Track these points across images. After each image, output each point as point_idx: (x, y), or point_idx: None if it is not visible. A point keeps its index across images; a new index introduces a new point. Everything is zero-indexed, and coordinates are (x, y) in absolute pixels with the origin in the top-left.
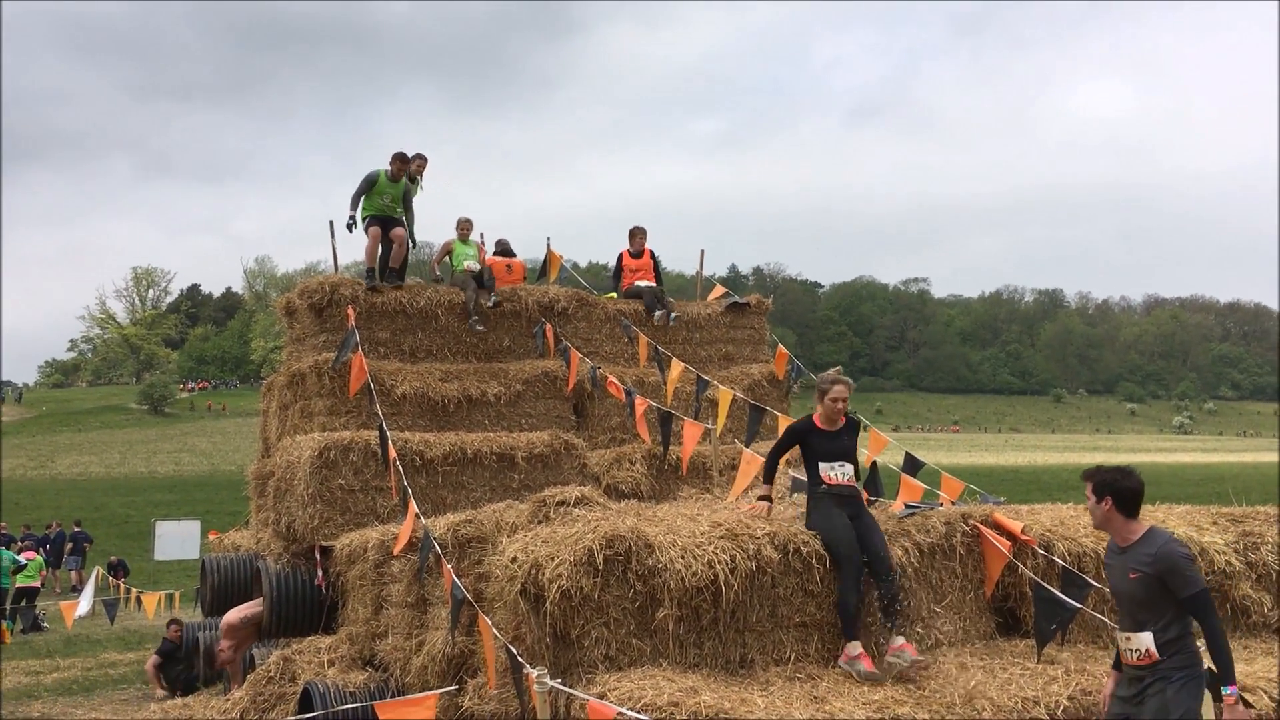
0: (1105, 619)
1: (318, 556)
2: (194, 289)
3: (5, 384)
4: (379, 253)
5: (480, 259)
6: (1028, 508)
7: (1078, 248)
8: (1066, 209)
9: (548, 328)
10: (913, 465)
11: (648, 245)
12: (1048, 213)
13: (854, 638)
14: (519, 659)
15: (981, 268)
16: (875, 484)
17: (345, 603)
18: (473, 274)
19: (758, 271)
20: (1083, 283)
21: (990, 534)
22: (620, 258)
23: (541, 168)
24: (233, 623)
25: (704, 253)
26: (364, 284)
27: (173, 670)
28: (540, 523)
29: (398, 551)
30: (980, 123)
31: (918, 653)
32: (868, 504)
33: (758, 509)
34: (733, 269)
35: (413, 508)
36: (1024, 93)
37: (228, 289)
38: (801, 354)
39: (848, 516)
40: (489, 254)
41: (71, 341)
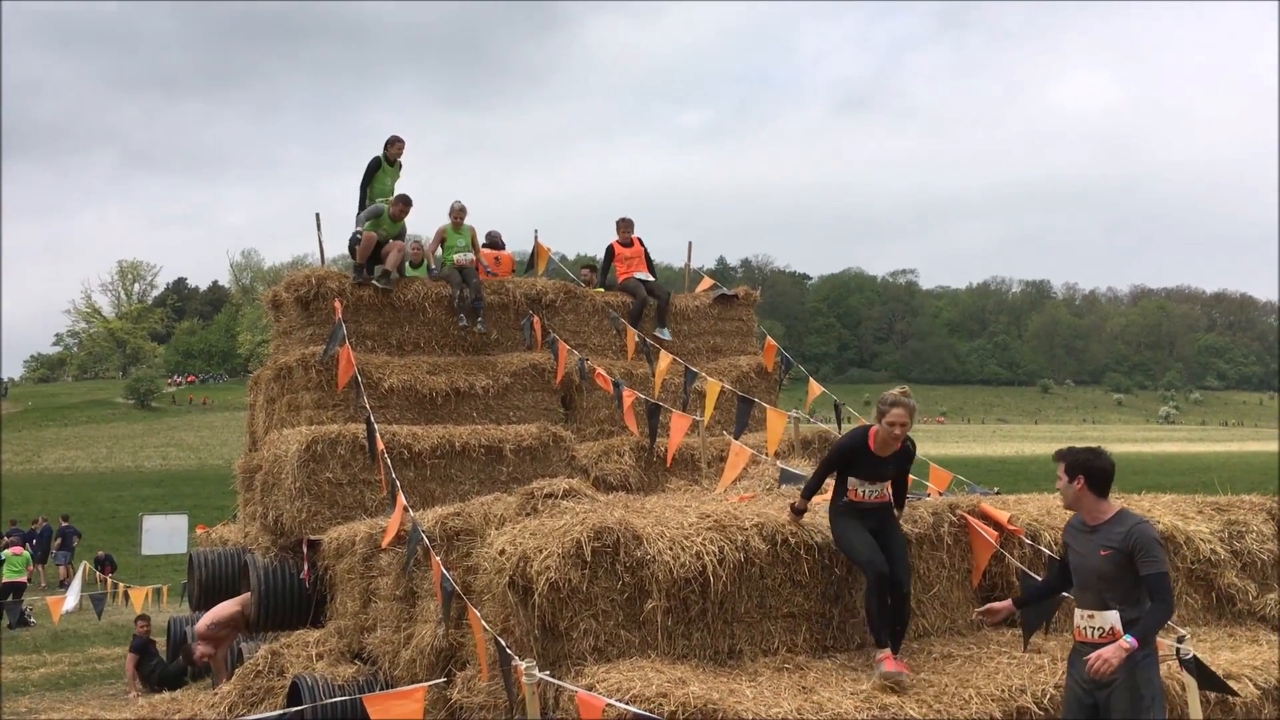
0: None
1: (305, 550)
2: (180, 282)
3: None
4: (371, 254)
5: (473, 246)
6: (1014, 498)
7: (1064, 238)
8: (1053, 200)
9: (535, 320)
10: None
11: (635, 235)
12: (1034, 203)
13: (881, 644)
14: (507, 651)
15: (969, 259)
16: None
17: (333, 596)
18: (461, 269)
19: (746, 264)
20: (1070, 273)
21: (977, 524)
22: (610, 249)
23: (529, 160)
24: (202, 632)
25: (692, 245)
26: (350, 278)
27: (147, 666)
28: (528, 515)
29: (386, 545)
30: (965, 114)
31: (905, 667)
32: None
33: (789, 518)
34: (721, 261)
35: (401, 501)
36: (1008, 84)
37: (214, 282)
38: (790, 346)
39: (869, 529)
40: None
41: (57, 336)
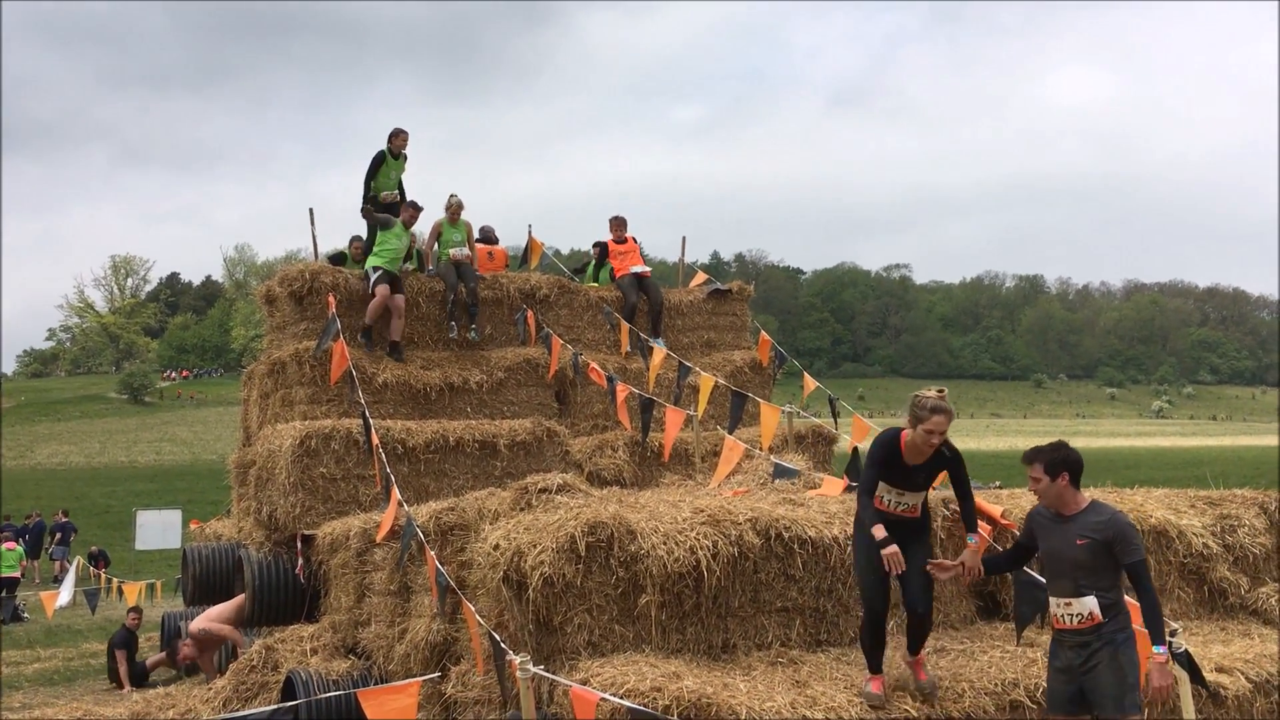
0: None
1: (299, 545)
2: (173, 277)
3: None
4: (379, 312)
5: (468, 241)
6: (1008, 492)
7: (1058, 233)
8: (1046, 194)
9: (529, 315)
10: None
11: (629, 234)
12: (1028, 198)
13: (873, 670)
14: (502, 646)
15: (963, 253)
16: (857, 470)
17: (328, 591)
18: (458, 265)
19: (740, 258)
20: (1063, 268)
21: None
22: (605, 245)
23: (522, 156)
24: (196, 635)
25: (686, 240)
26: (362, 343)
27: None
28: (522, 510)
29: (380, 539)
30: (959, 109)
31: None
32: (848, 489)
33: (889, 553)
34: (715, 256)
35: (395, 495)
36: (1002, 79)
37: (207, 277)
38: (784, 340)
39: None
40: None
41: (50, 330)
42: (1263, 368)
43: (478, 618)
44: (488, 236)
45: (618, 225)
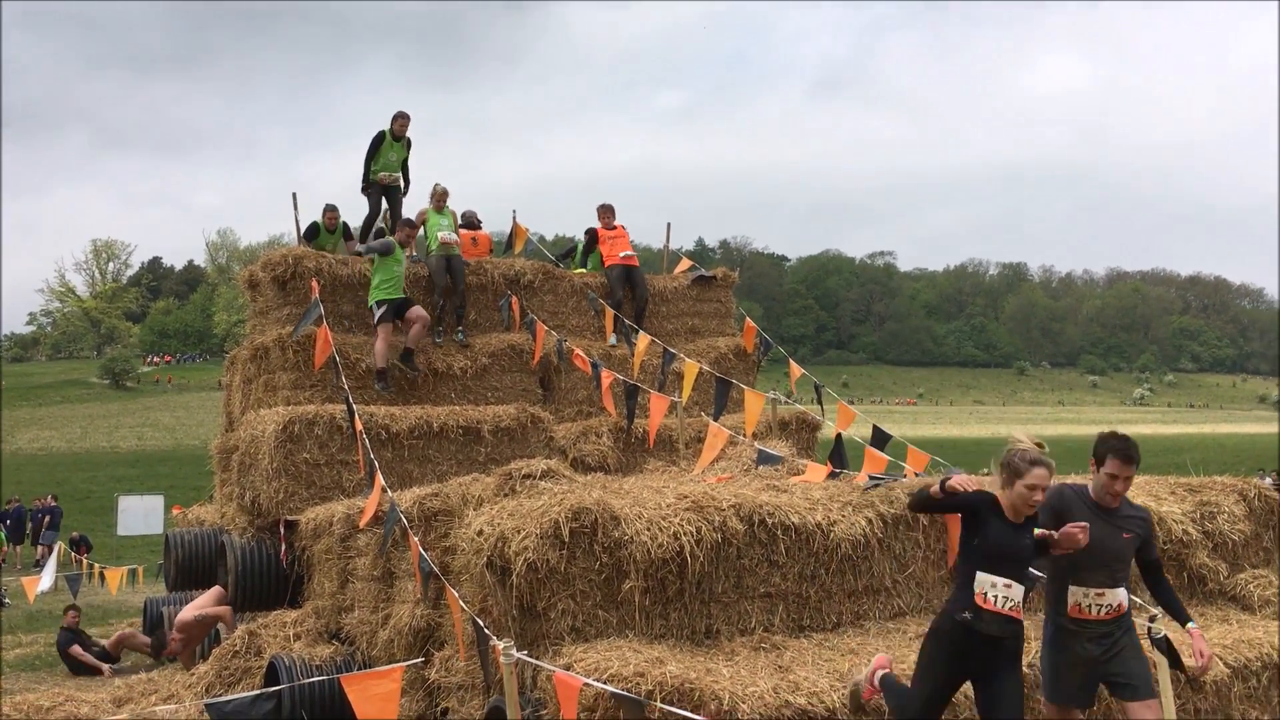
0: None
1: (282, 531)
2: (155, 262)
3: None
4: (387, 352)
5: (455, 231)
6: (990, 478)
7: (1041, 221)
8: (1030, 182)
9: (514, 300)
10: (880, 438)
11: (618, 222)
12: (1011, 186)
13: None
14: (485, 631)
15: (946, 241)
16: (841, 456)
17: (311, 577)
18: (449, 261)
19: (724, 245)
20: (1046, 256)
21: None
22: (593, 232)
23: (505, 141)
24: (187, 620)
25: (670, 226)
26: (378, 387)
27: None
28: (506, 496)
29: (363, 525)
30: (943, 96)
31: None
32: (831, 475)
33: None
34: (699, 242)
35: (379, 481)
36: (985, 67)
37: (190, 262)
38: (768, 327)
39: (980, 661)
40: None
41: (30, 315)
42: (1243, 355)
43: (461, 603)
44: (471, 221)
45: (606, 213)
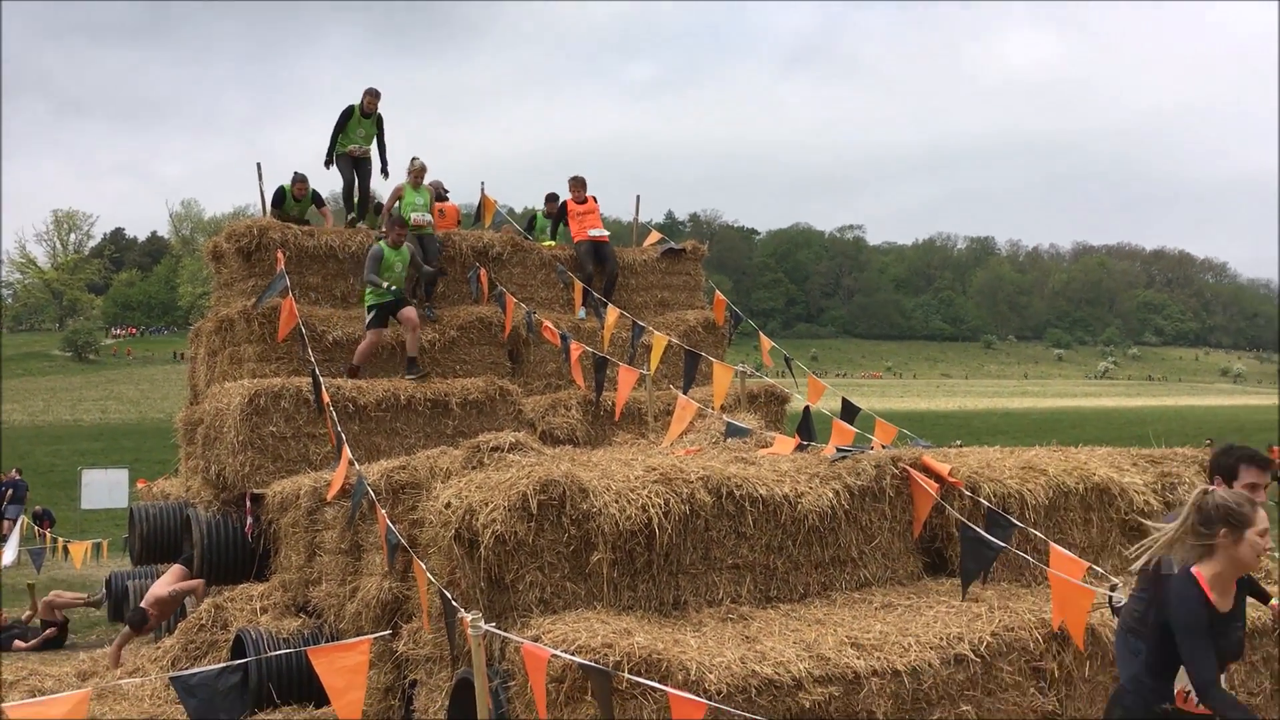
0: (1028, 558)
1: (248, 504)
2: (118, 233)
3: None
4: (368, 353)
5: (430, 208)
6: (955, 450)
7: (1008, 195)
8: (998, 157)
9: (482, 273)
10: (849, 411)
11: (590, 194)
12: (980, 160)
13: None
14: (453, 603)
15: (915, 215)
16: (809, 429)
17: (278, 550)
18: (420, 238)
19: (694, 218)
20: (1014, 230)
21: (919, 476)
22: (565, 206)
23: (473, 112)
24: (162, 597)
25: (640, 198)
26: (346, 374)
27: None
28: (474, 468)
29: (331, 498)
30: (912, 69)
31: None
32: (799, 448)
33: None
34: (669, 215)
35: (346, 454)
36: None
37: (153, 233)
38: (738, 301)
39: None
40: None
41: None
42: (1206, 329)
43: (429, 575)
44: (438, 193)
45: (577, 186)
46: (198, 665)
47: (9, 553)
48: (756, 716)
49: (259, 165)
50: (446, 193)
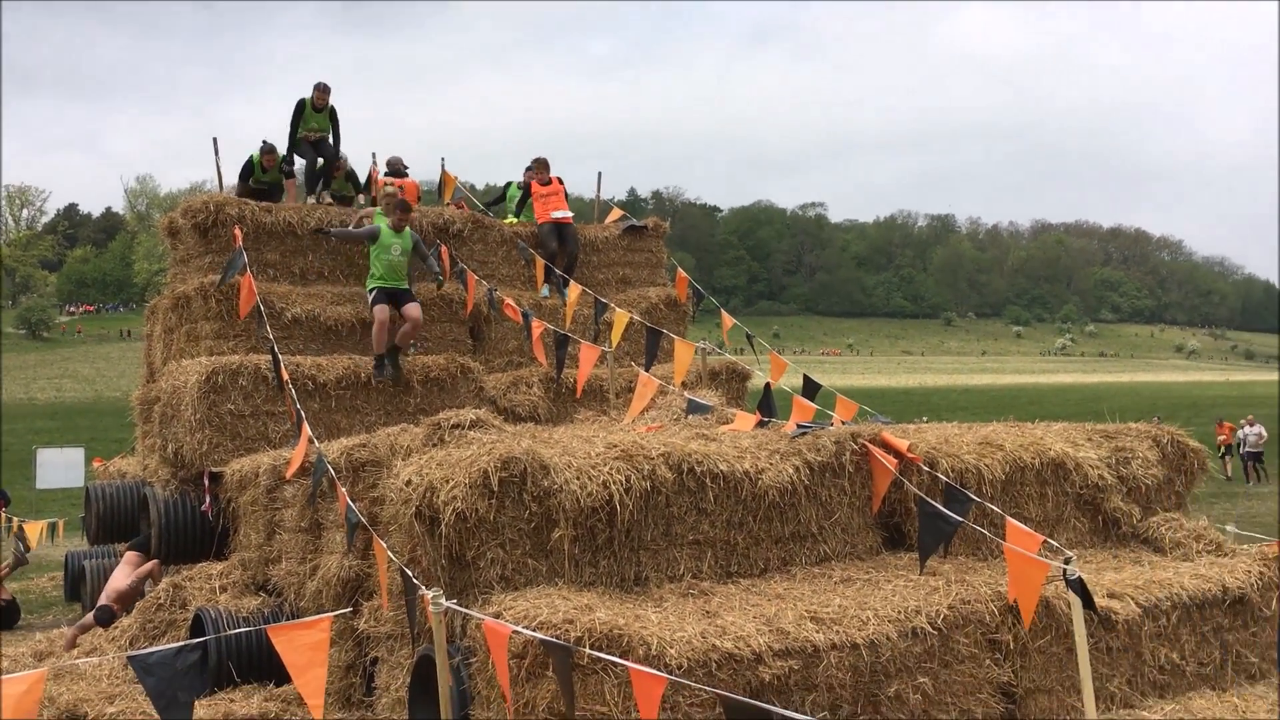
0: (985, 532)
1: (206, 483)
2: (71, 208)
3: None
4: (386, 338)
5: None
6: (914, 426)
7: (968, 173)
8: (959, 135)
9: (443, 250)
10: (810, 388)
11: (554, 175)
12: (941, 138)
13: None
14: (414, 581)
15: (877, 192)
16: (769, 405)
17: (237, 529)
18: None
19: (656, 195)
20: (973, 208)
21: (878, 452)
22: (528, 187)
23: (432, 87)
24: (123, 590)
25: (602, 175)
26: (374, 374)
27: None
28: (435, 446)
29: (290, 476)
30: (874, 49)
31: None
32: (760, 424)
33: None
34: (631, 192)
35: (306, 431)
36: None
37: (108, 209)
38: (700, 278)
39: None
40: (380, 174)
41: None
42: (1162, 306)
43: (389, 553)
44: (396, 169)
45: (541, 167)
46: (156, 645)
47: None
48: (717, 690)
49: (215, 140)
50: (405, 168)
